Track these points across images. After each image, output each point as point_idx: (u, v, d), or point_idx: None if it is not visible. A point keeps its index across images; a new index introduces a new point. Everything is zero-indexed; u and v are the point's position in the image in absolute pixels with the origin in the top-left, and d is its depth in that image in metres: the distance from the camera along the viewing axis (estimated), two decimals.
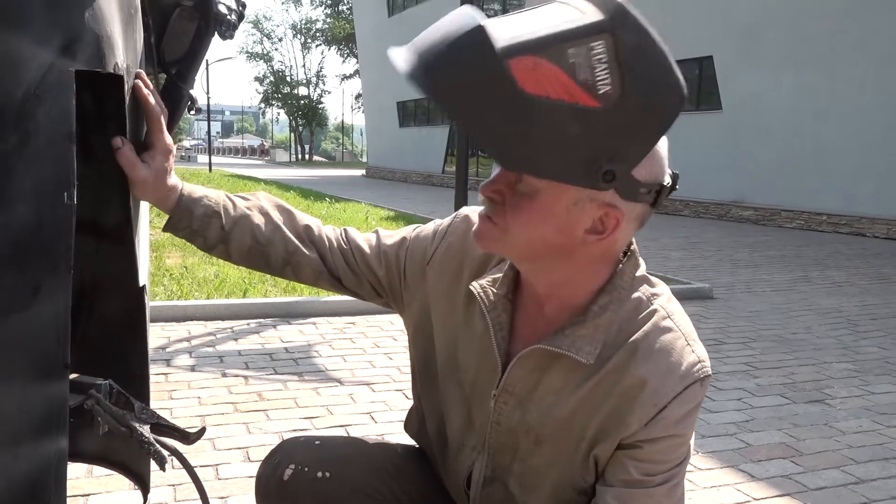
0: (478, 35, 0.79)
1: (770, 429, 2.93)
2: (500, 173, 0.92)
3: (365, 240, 1.21)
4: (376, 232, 1.23)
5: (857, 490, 2.41)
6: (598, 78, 0.80)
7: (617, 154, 0.84)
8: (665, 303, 1.02)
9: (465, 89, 0.81)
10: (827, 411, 3.15)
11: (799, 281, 6.49)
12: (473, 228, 0.98)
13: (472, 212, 1.15)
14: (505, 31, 0.81)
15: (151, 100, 1.05)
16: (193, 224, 1.12)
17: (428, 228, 1.19)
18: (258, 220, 1.16)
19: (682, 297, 1.07)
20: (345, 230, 1.22)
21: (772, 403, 3.23)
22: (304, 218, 1.21)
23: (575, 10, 0.83)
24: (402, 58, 0.84)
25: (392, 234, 1.21)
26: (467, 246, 1.12)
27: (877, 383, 3.56)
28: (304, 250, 1.18)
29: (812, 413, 3.13)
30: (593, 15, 0.82)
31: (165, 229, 1.13)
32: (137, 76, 1.03)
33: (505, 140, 0.82)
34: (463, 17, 0.82)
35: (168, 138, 1.09)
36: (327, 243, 1.19)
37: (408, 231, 1.21)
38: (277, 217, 1.18)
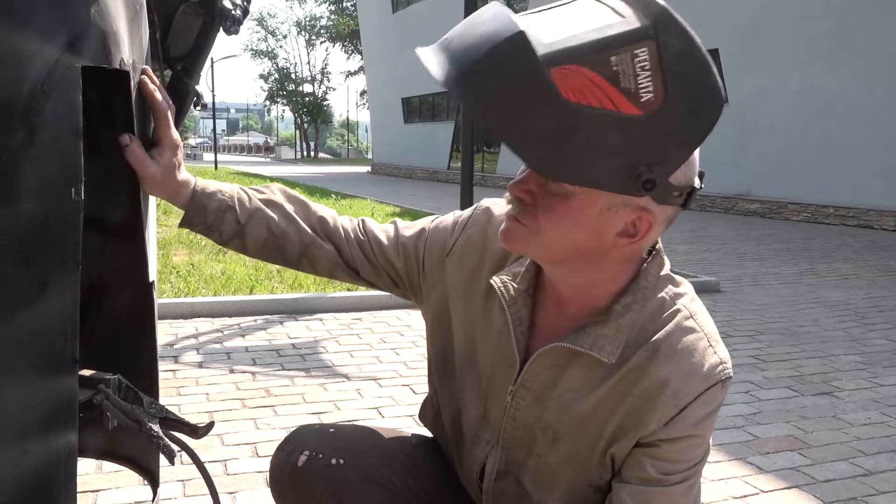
0: (519, 42, 0.77)
1: (778, 421, 2.92)
2: (530, 173, 0.90)
3: (383, 231, 1.20)
4: (394, 223, 1.22)
5: (866, 482, 2.40)
6: (641, 86, 0.78)
7: (656, 161, 0.83)
8: (688, 303, 1.01)
9: (503, 98, 0.78)
10: (835, 403, 3.15)
11: (806, 274, 6.47)
12: (500, 229, 0.96)
13: (494, 204, 1.14)
14: (543, 33, 0.78)
15: (158, 95, 1.05)
16: (208, 219, 1.12)
17: (447, 220, 1.18)
18: (273, 212, 1.15)
19: None
20: (362, 221, 1.22)
21: (779, 396, 3.22)
22: (319, 209, 1.20)
23: (610, 10, 0.81)
24: (434, 62, 0.82)
25: (411, 226, 1.21)
26: (487, 239, 1.11)
27: (885, 375, 3.55)
28: (320, 242, 1.17)
29: (820, 405, 3.12)
30: (635, 19, 0.79)
31: (181, 225, 1.13)
32: (143, 72, 1.03)
33: (542, 148, 0.80)
34: (499, 19, 0.79)
35: (175, 134, 1.09)
36: (343, 234, 1.19)
37: (427, 222, 1.20)
38: (292, 209, 1.17)
